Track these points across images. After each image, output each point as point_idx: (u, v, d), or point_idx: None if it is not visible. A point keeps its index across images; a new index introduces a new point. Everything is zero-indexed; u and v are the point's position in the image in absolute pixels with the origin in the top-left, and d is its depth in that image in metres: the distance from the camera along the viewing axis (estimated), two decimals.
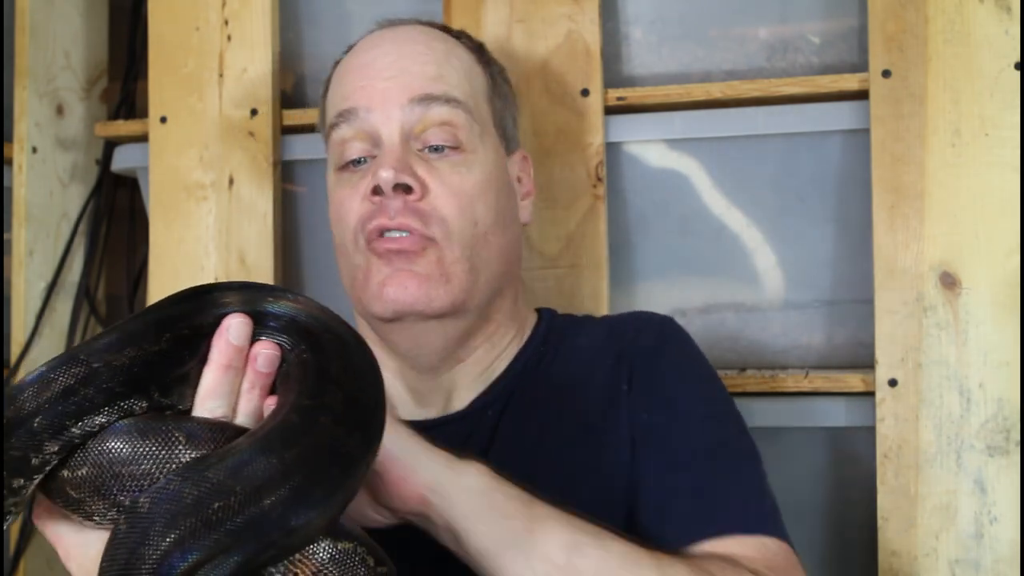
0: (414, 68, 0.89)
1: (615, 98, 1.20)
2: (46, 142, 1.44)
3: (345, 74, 0.93)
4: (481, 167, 0.89)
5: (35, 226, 1.43)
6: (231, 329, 0.59)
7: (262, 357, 0.59)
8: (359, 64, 0.91)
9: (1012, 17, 1.09)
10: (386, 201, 0.85)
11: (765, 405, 1.15)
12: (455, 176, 0.87)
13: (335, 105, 0.92)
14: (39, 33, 1.43)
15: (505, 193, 0.93)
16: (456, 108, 0.88)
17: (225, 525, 0.49)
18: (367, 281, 0.87)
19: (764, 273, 1.21)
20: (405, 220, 0.85)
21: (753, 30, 1.21)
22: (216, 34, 1.28)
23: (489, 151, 0.91)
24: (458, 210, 0.86)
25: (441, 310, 0.86)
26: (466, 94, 0.90)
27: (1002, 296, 1.08)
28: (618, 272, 1.22)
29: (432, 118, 0.88)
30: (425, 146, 0.88)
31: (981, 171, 1.09)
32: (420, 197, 0.85)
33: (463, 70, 0.92)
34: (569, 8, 1.20)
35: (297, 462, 0.52)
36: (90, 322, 1.49)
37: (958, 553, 1.07)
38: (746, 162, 1.20)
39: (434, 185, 0.86)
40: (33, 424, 0.55)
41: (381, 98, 0.88)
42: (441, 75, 0.89)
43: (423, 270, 0.85)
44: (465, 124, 0.89)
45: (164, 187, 1.29)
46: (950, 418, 1.08)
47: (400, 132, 0.87)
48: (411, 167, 0.86)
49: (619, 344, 0.93)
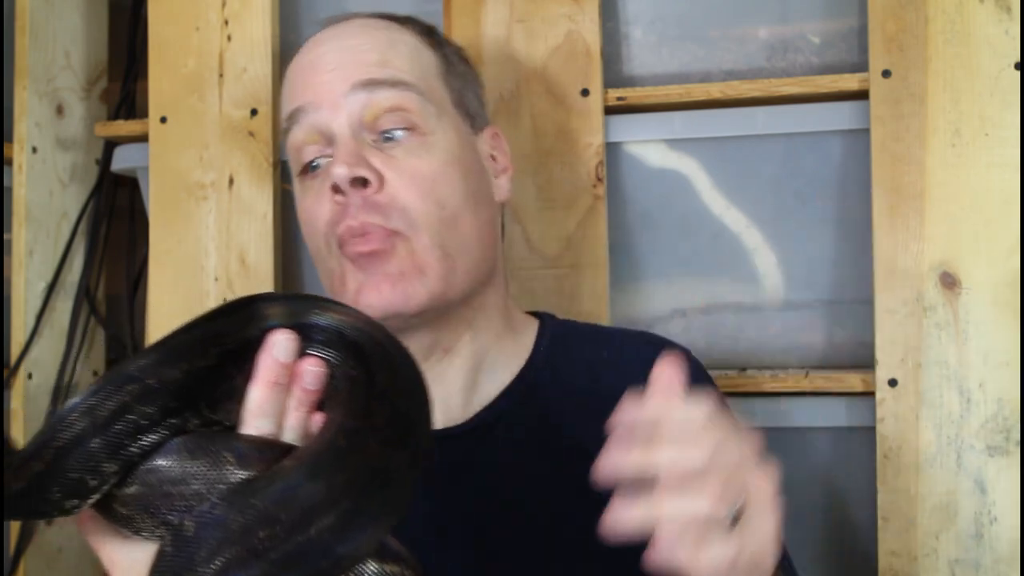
0: (355, 57, 0.87)
1: (615, 98, 1.20)
2: (46, 142, 1.44)
3: (290, 79, 0.91)
4: (442, 149, 0.87)
5: (35, 226, 1.43)
6: (277, 345, 0.58)
7: (309, 375, 0.58)
8: (302, 65, 0.90)
9: (1012, 17, 1.09)
10: (347, 200, 0.83)
11: (765, 405, 1.15)
12: (413, 160, 0.85)
13: (285, 109, 0.91)
14: (39, 33, 1.43)
15: (474, 173, 0.90)
16: (405, 91, 0.86)
17: (271, 554, 0.49)
18: (344, 287, 0.86)
19: (764, 273, 1.21)
20: (366, 218, 0.83)
21: (753, 30, 1.22)
22: (216, 34, 1.29)
23: (449, 132, 0.88)
24: (419, 196, 0.84)
25: (420, 307, 0.83)
26: (415, 76, 0.88)
27: (1002, 296, 1.08)
28: (618, 272, 1.22)
29: (380, 103, 0.85)
30: (379, 134, 0.86)
31: (981, 171, 1.09)
32: (378, 189, 0.83)
33: (409, 53, 0.89)
34: (569, 8, 1.20)
35: (344, 488, 0.51)
36: (90, 322, 1.49)
37: (958, 553, 1.07)
38: (746, 162, 1.20)
39: (391, 174, 0.84)
40: (90, 445, 0.54)
41: (325, 91, 0.86)
42: (385, 60, 0.87)
43: (395, 269, 0.83)
44: (417, 106, 0.86)
45: (164, 187, 1.29)
46: (950, 418, 1.08)
47: (349, 124, 0.85)
48: (365, 159, 0.84)
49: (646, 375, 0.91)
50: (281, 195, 1.29)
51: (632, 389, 0.63)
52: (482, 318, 0.90)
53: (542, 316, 0.99)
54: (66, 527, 1.47)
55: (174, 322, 1.34)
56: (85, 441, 0.54)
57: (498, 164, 0.95)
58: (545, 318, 0.98)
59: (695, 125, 1.19)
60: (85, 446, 0.54)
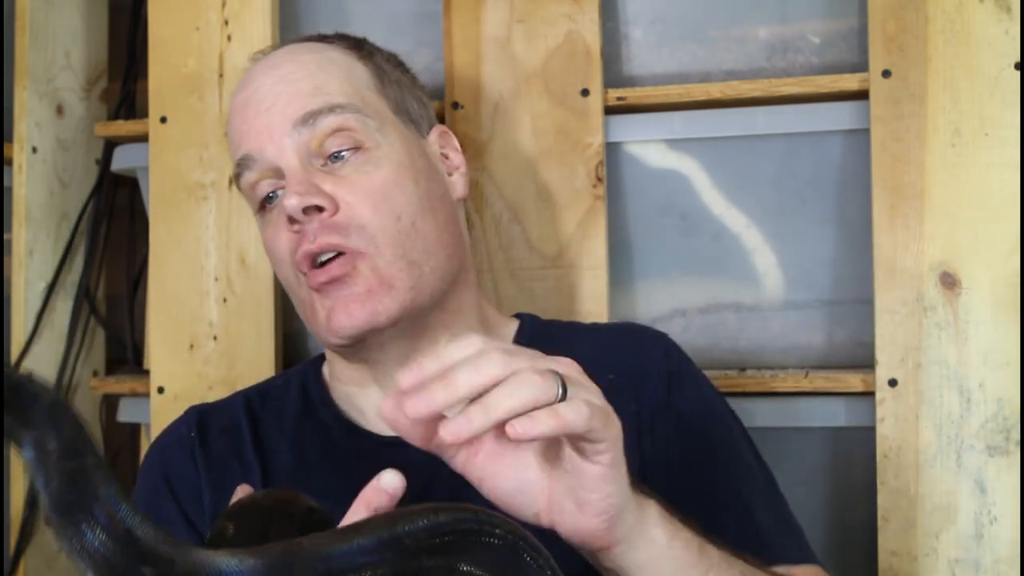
0: (289, 90, 0.87)
1: (615, 98, 1.20)
2: (46, 142, 1.44)
3: (231, 120, 0.92)
4: (388, 160, 0.87)
5: (35, 226, 1.43)
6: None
7: None
8: (238, 105, 0.90)
9: (1012, 17, 1.09)
10: (304, 227, 0.84)
11: (765, 405, 1.15)
12: (362, 177, 0.86)
13: (233, 154, 0.91)
14: (39, 33, 1.43)
15: (426, 175, 0.90)
16: (342, 113, 0.87)
17: None
18: (315, 315, 0.86)
19: (764, 273, 1.21)
20: (326, 239, 0.83)
21: (753, 30, 1.21)
22: (216, 34, 1.29)
23: (394, 141, 0.89)
24: (373, 210, 0.85)
25: (392, 318, 0.84)
26: (349, 95, 0.88)
27: (1002, 296, 1.08)
28: (618, 272, 1.22)
29: (323, 130, 0.86)
30: (326, 157, 0.87)
31: (981, 171, 1.09)
32: (333, 212, 0.84)
33: (340, 73, 0.90)
34: (569, 8, 1.20)
35: None
36: (90, 322, 1.49)
37: (958, 553, 1.07)
38: (746, 162, 1.20)
39: (343, 194, 0.85)
40: None
41: (267, 133, 0.87)
42: (318, 87, 0.88)
43: (362, 288, 0.83)
44: (358, 124, 0.87)
45: (164, 187, 1.29)
46: (950, 418, 1.08)
47: (297, 157, 0.86)
48: (316, 186, 0.84)
49: (623, 360, 0.91)
50: None
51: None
52: (458, 320, 0.91)
53: (523, 317, 0.99)
54: None
55: (174, 322, 1.34)
56: None
57: (451, 162, 0.96)
58: (525, 319, 0.99)
59: (695, 125, 1.19)
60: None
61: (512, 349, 0.63)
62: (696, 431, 0.89)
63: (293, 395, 0.95)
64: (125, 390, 1.36)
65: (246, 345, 1.25)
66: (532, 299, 1.19)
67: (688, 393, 0.91)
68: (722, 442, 0.90)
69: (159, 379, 1.28)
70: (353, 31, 1.39)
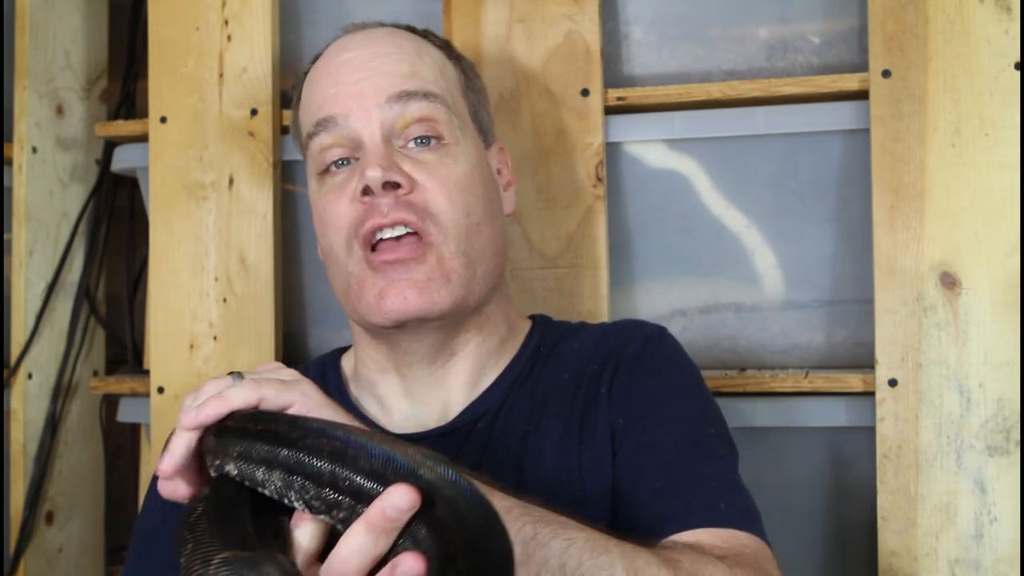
0: (387, 67, 0.89)
1: (615, 98, 1.20)
2: (46, 142, 1.44)
3: (316, 82, 0.92)
4: (465, 158, 0.89)
5: (35, 226, 1.43)
6: (393, 497, 0.57)
7: (401, 571, 0.56)
8: (330, 70, 0.91)
9: (1012, 17, 1.09)
10: (376, 200, 0.84)
11: (765, 405, 1.15)
12: (441, 168, 0.87)
13: (311, 114, 0.91)
14: (39, 33, 1.43)
15: (490, 184, 0.93)
16: (435, 102, 0.88)
17: None
18: (361, 291, 0.86)
19: (764, 273, 1.21)
20: (399, 215, 0.84)
21: (753, 30, 1.21)
22: (216, 34, 1.29)
23: (470, 144, 0.91)
24: (448, 201, 0.86)
25: (443, 312, 0.85)
26: (442, 88, 0.90)
27: (1002, 296, 1.08)
28: (618, 272, 1.22)
29: (412, 114, 0.87)
30: (407, 141, 0.88)
31: (981, 171, 1.09)
32: (409, 191, 0.85)
33: (436, 66, 0.92)
34: (569, 8, 1.20)
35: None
36: (90, 322, 1.49)
37: (958, 553, 1.07)
38: (746, 162, 1.20)
39: (422, 178, 0.86)
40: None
41: (357, 101, 0.87)
42: (415, 71, 0.89)
43: (422, 276, 0.84)
44: (445, 118, 0.89)
45: (164, 187, 1.29)
46: (950, 418, 1.08)
47: (381, 132, 0.87)
48: (397, 164, 0.86)
49: (606, 350, 0.93)
50: (281, 195, 1.29)
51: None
52: (490, 324, 0.93)
53: (536, 318, 1.01)
54: (66, 527, 1.47)
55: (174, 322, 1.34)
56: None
57: (503, 178, 0.98)
58: (538, 320, 1.00)
59: (695, 125, 1.19)
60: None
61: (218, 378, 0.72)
62: (644, 404, 0.88)
63: None
64: (125, 390, 1.36)
65: (246, 345, 1.25)
66: (532, 299, 1.19)
67: (653, 370, 0.91)
68: (663, 415, 0.88)
69: (159, 379, 1.28)
70: None
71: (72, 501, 1.48)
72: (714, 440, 0.88)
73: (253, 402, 0.68)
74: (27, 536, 1.40)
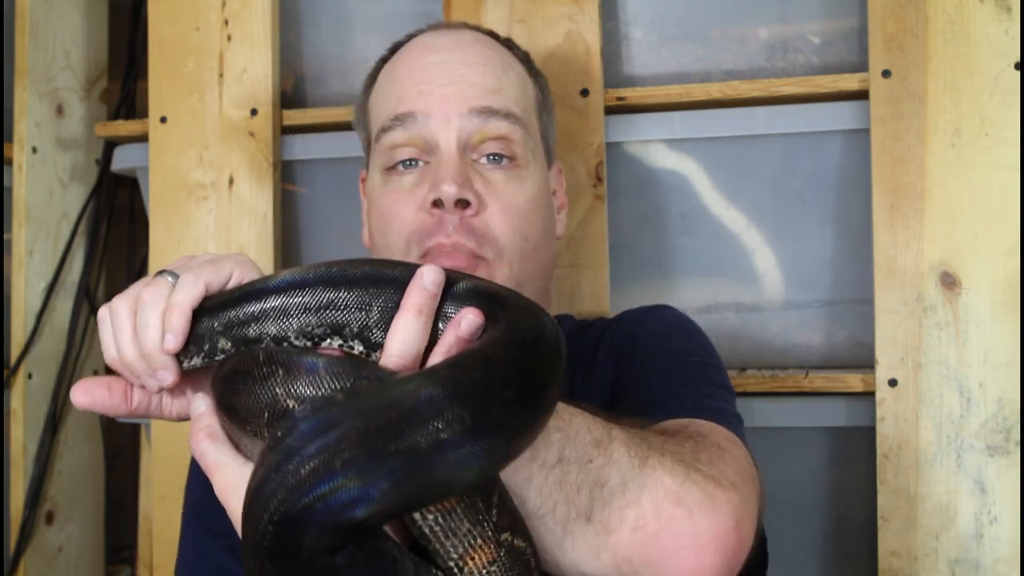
0: (474, 77, 0.88)
1: (615, 98, 1.20)
2: (46, 142, 1.44)
3: (399, 76, 0.91)
4: (532, 182, 0.89)
5: (35, 226, 1.43)
6: (425, 276, 0.59)
7: (467, 322, 0.58)
8: (415, 67, 0.90)
9: (1012, 17, 1.09)
10: (445, 216, 0.84)
11: (765, 405, 1.15)
12: (509, 191, 0.87)
13: (388, 107, 0.90)
14: (39, 33, 1.43)
15: (549, 208, 0.93)
16: (514, 124, 0.88)
17: (374, 445, 0.48)
18: None
19: (764, 273, 1.21)
20: (460, 240, 0.84)
21: (753, 30, 1.21)
22: (216, 34, 1.29)
23: (538, 166, 0.91)
24: (510, 227, 0.86)
25: None
26: (522, 109, 0.90)
27: (1002, 296, 1.08)
28: (618, 272, 1.22)
29: (490, 131, 0.87)
30: (481, 156, 0.87)
31: (981, 171, 1.09)
32: (476, 212, 0.85)
33: (519, 84, 0.91)
34: (569, 8, 1.20)
35: (460, 397, 0.49)
36: (90, 322, 1.49)
37: (958, 553, 1.07)
38: (746, 162, 1.20)
39: (490, 200, 0.86)
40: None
41: (440, 105, 0.87)
42: (500, 87, 0.89)
43: None
44: (521, 139, 0.88)
45: (164, 187, 1.29)
46: (950, 418, 1.08)
47: (458, 142, 0.87)
48: (470, 181, 0.85)
49: (608, 328, 0.93)
50: (281, 195, 1.29)
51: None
52: None
53: (560, 318, 1.01)
54: (66, 527, 1.47)
55: None
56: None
57: (557, 199, 0.98)
58: (563, 319, 1.00)
59: (695, 125, 1.19)
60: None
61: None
62: (644, 351, 0.88)
63: None
64: None
65: None
66: (532, 299, 1.19)
67: (647, 330, 0.91)
68: (662, 355, 0.88)
69: None
70: (353, 31, 1.39)
71: (72, 501, 1.48)
72: (712, 373, 0.87)
73: (202, 291, 0.64)
74: (27, 536, 1.40)
